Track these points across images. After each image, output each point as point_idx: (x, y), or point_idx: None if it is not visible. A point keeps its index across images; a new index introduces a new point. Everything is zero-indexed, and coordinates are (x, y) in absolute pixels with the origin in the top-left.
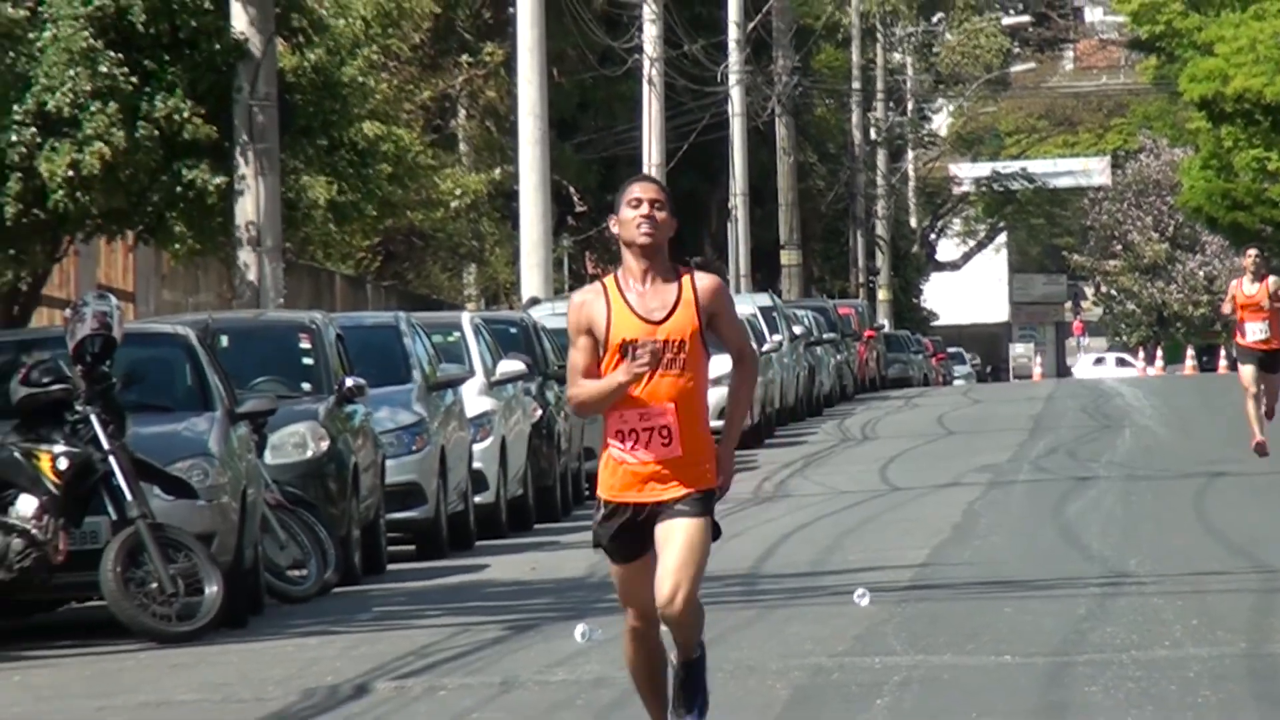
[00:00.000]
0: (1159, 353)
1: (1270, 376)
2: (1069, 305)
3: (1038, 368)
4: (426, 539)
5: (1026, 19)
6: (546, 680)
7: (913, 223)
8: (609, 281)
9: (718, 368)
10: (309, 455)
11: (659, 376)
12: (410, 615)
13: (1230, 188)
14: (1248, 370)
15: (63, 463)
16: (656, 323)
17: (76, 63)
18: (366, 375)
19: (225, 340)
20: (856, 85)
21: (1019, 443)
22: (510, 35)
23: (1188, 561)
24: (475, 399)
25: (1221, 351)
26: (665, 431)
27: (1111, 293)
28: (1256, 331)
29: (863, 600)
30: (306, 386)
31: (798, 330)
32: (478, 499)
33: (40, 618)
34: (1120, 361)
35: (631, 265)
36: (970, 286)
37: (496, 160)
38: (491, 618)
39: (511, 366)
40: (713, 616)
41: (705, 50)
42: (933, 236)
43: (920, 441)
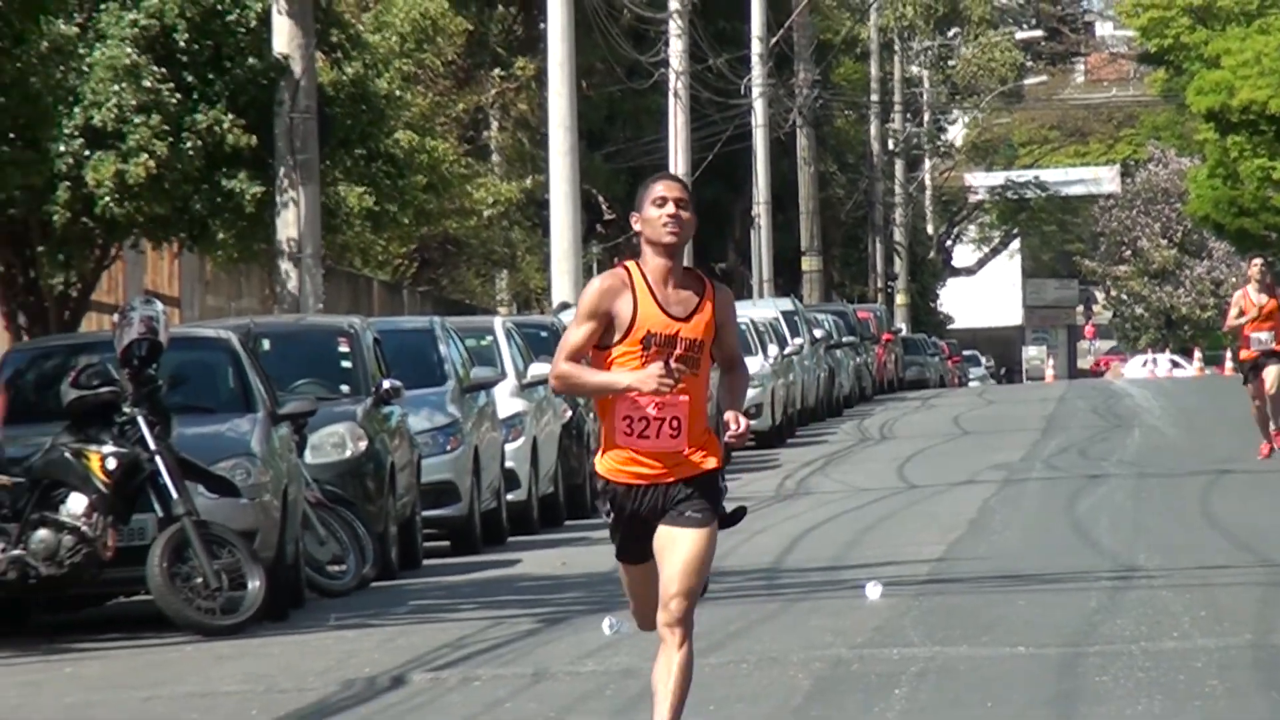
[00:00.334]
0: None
1: (1269, 370)
2: (1080, 309)
3: (1050, 369)
4: (461, 535)
5: (1039, 33)
6: (576, 671)
7: (929, 230)
8: (633, 269)
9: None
10: (348, 455)
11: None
12: (445, 609)
13: (1236, 195)
14: (1252, 388)
15: (111, 462)
16: (680, 320)
17: (121, 78)
18: (403, 378)
19: (267, 344)
20: (875, 97)
21: (1032, 442)
22: (541, 50)
23: (1195, 556)
24: (507, 400)
25: (1227, 354)
26: (675, 423)
27: (1121, 297)
28: (1260, 342)
29: (874, 592)
30: (345, 389)
31: (818, 334)
32: (510, 497)
33: (90, 611)
34: (1174, 363)
35: (653, 262)
36: (985, 291)
37: (528, 170)
38: (523, 611)
39: (542, 369)
40: (735, 610)
41: (729, 64)
42: (949, 243)
43: (937, 441)
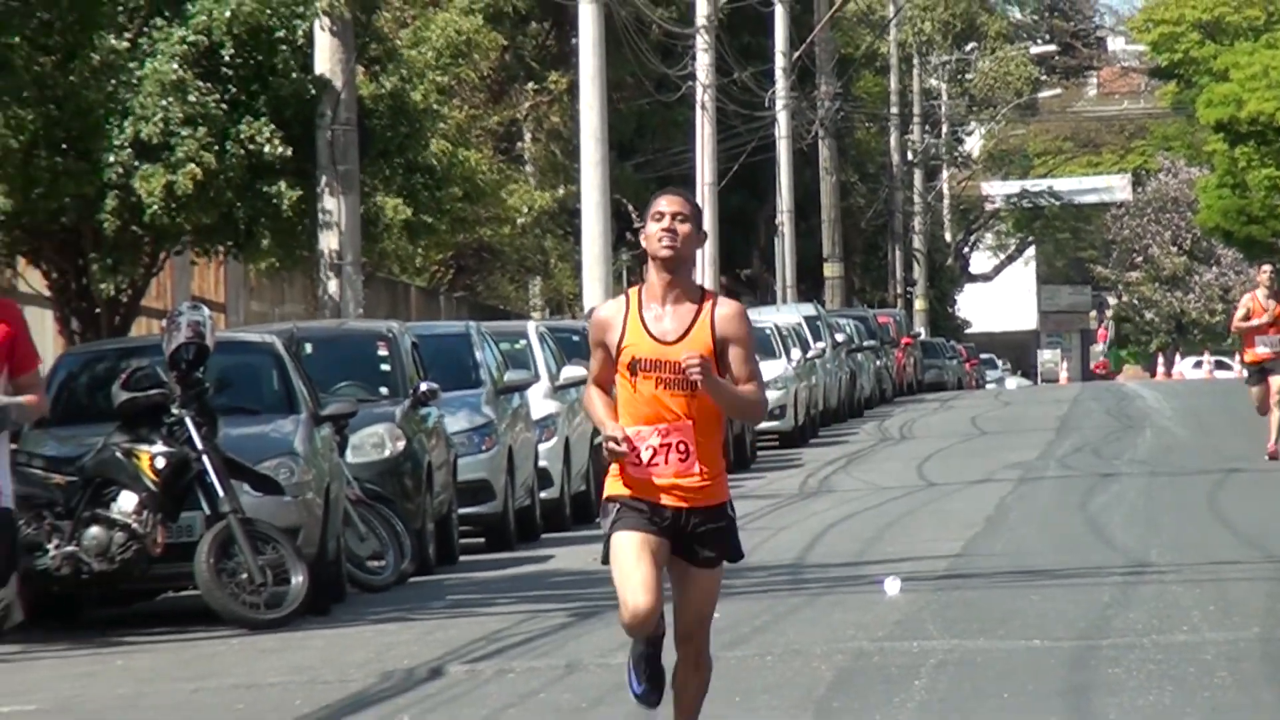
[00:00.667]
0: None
1: (1274, 378)
2: (1093, 314)
3: (1064, 372)
4: (496, 532)
5: (1053, 48)
6: (608, 663)
7: (947, 237)
8: (632, 295)
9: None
10: (387, 454)
11: (670, 395)
12: (481, 603)
13: (1245, 204)
14: (1255, 391)
15: (160, 462)
16: (669, 343)
17: (168, 93)
18: (439, 380)
19: (309, 348)
20: (894, 110)
21: (1047, 442)
22: (573, 65)
23: (1205, 552)
24: (540, 402)
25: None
26: (683, 447)
27: (1133, 302)
28: (1265, 345)
29: (892, 588)
30: (384, 391)
31: (840, 338)
32: (543, 495)
33: (140, 606)
34: (1219, 364)
35: (654, 280)
36: (1001, 297)
37: (560, 180)
38: (557, 605)
39: (574, 372)
40: (762, 604)
41: (754, 77)
42: (966, 250)
43: (955, 441)
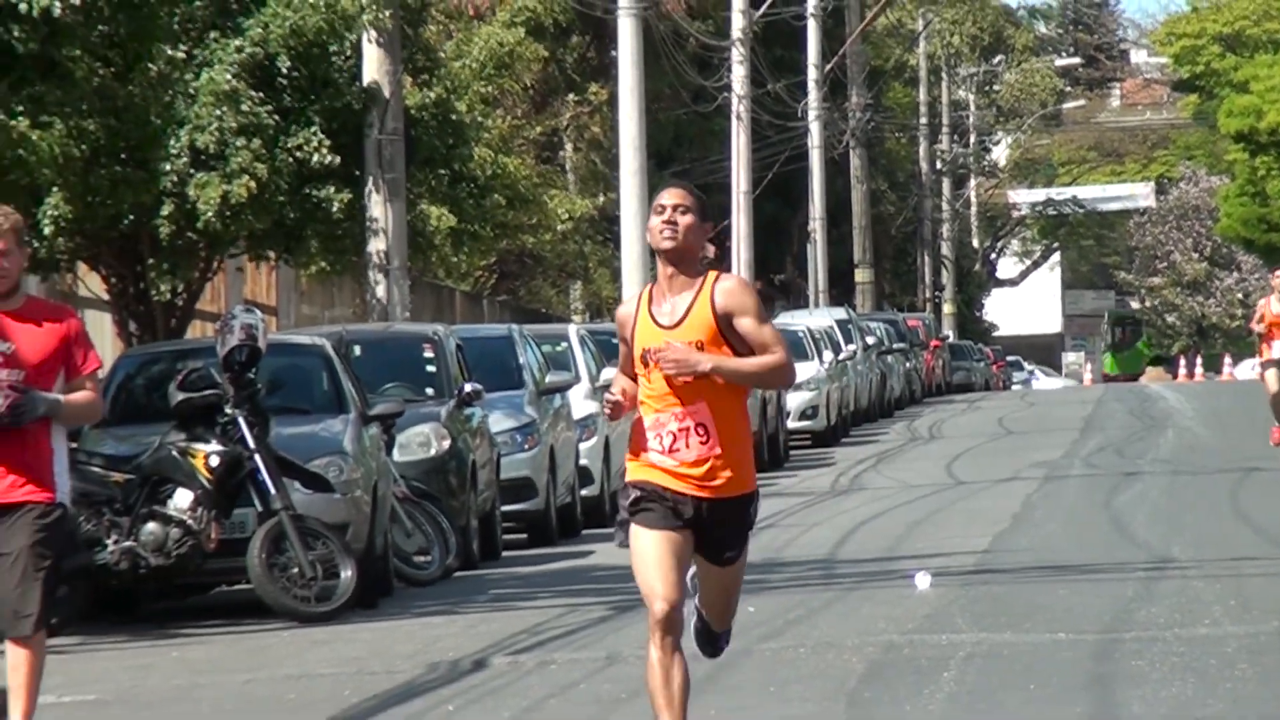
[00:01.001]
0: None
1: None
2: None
3: (1088, 374)
4: (537, 528)
5: (1077, 60)
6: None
7: (975, 243)
8: (645, 291)
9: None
10: (432, 453)
11: (683, 380)
12: (523, 597)
13: (1265, 212)
14: (1270, 374)
15: (214, 460)
16: (669, 327)
17: (222, 102)
18: (483, 381)
19: (358, 350)
20: (924, 120)
21: (1071, 441)
22: (613, 76)
23: (1226, 548)
24: (581, 402)
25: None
26: (702, 429)
27: (1155, 306)
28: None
29: (923, 582)
30: (430, 391)
31: (871, 340)
32: (584, 492)
33: (195, 599)
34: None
35: (660, 273)
36: (1027, 301)
37: (600, 188)
38: (597, 599)
39: (614, 374)
40: (794, 598)
41: (787, 89)
42: (993, 256)
43: (982, 440)
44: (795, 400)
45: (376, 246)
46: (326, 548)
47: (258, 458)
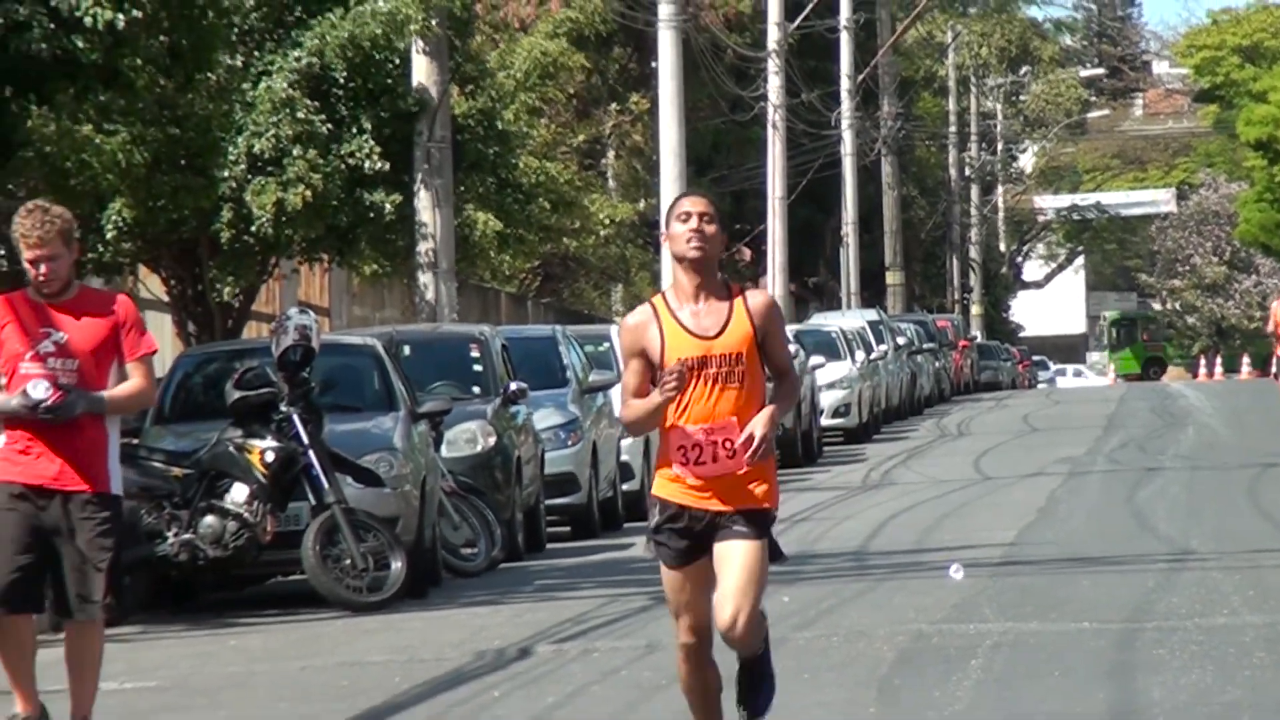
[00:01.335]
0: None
1: None
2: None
3: (1111, 373)
4: (580, 521)
5: (1101, 71)
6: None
7: (1002, 247)
8: (658, 302)
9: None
10: (479, 449)
11: (719, 390)
12: (567, 588)
13: None
14: None
15: (270, 456)
16: (711, 338)
17: (279, 110)
18: (528, 380)
19: (407, 350)
20: (953, 129)
21: (1095, 438)
22: (653, 86)
23: (1244, 541)
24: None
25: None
26: (729, 444)
27: (1176, 308)
28: None
29: (956, 574)
30: (476, 390)
31: (901, 341)
32: (625, 486)
33: (251, 590)
34: None
35: (683, 281)
36: (1052, 302)
37: (641, 194)
38: (637, 589)
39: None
40: (827, 589)
41: (821, 99)
42: (1019, 259)
43: (1009, 437)
44: (828, 398)
45: (425, 249)
46: (377, 540)
47: (311, 453)
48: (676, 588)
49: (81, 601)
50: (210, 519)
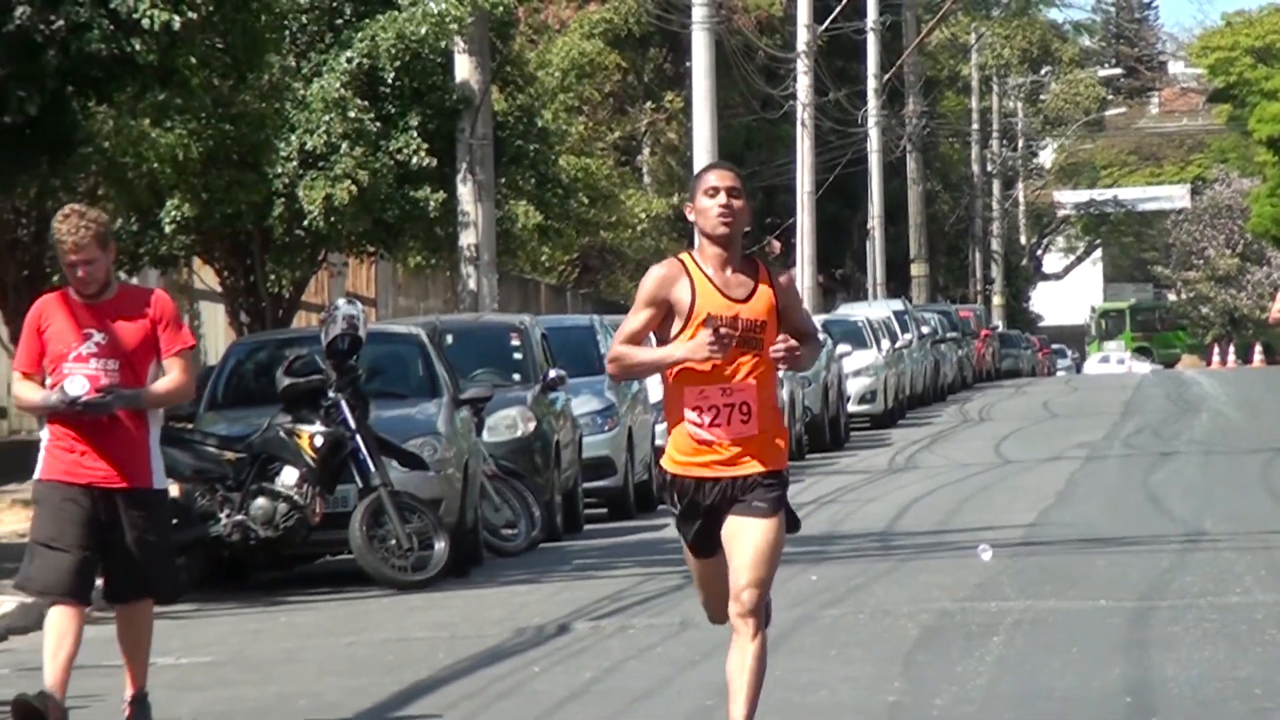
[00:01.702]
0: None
1: None
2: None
3: (1128, 361)
4: (617, 504)
5: (1119, 71)
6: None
7: (1022, 240)
8: (688, 259)
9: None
10: (519, 434)
11: (738, 354)
12: (603, 567)
13: None
14: None
15: (319, 440)
16: (740, 301)
17: (330, 109)
18: (566, 368)
19: (450, 339)
20: (975, 126)
21: (1112, 424)
22: (687, 86)
23: (1256, 522)
24: (657, 387)
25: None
26: (745, 408)
27: (1190, 298)
28: None
29: (985, 554)
30: (517, 377)
31: (925, 330)
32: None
33: (301, 569)
34: None
35: (709, 253)
36: (1071, 293)
37: (675, 189)
38: (672, 569)
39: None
40: (854, 568)
41: (848, 97)
42: (1039, 252)
43: (1029, 422)
44: (855, 385)
45: (468, 242)
46: (422, 521)
47: (358, 438)
48: (700, 570)
49: (135, 590)
50: (262, 501)
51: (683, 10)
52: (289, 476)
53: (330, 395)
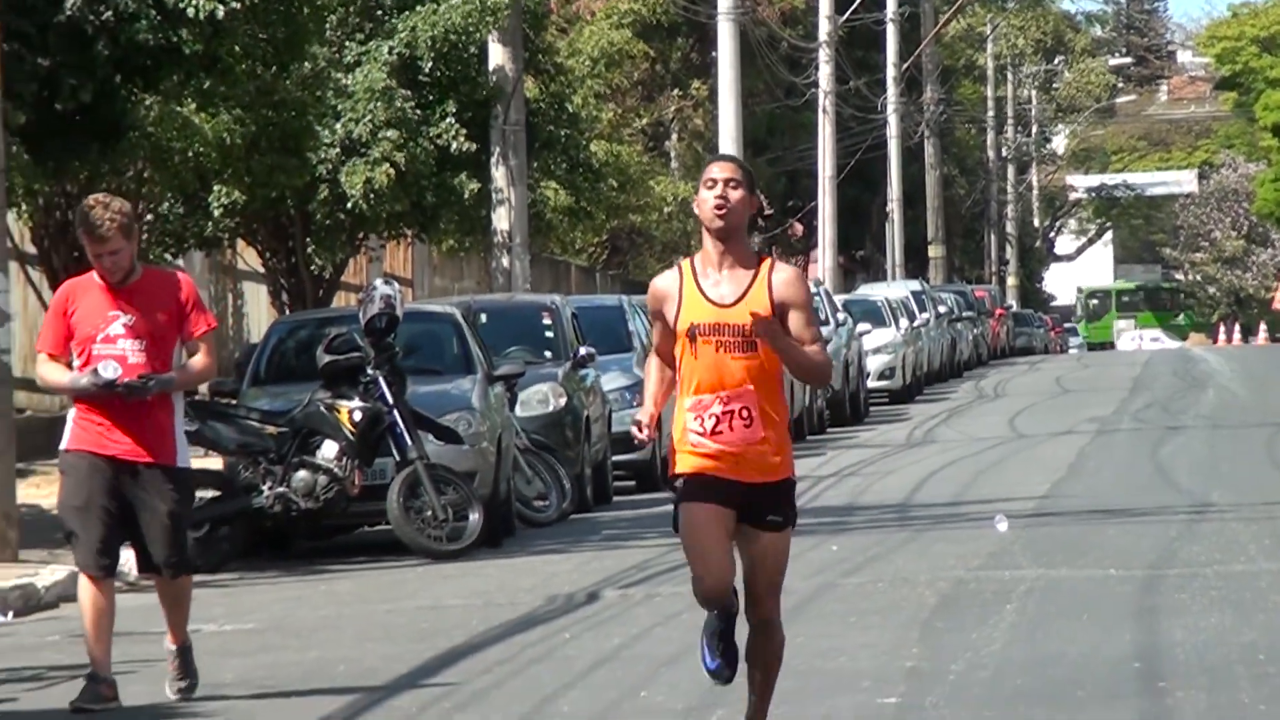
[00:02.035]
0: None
1: None
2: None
3: (1136, 339)
4: (645, 476)
5: (1129, 60)
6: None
7: (1036, 223)
8: (686, 266)
9: (876, 338)
10: (550, 409)
11: (730, 359)
12: (632, 537)
13: None
14: None
15: (358, 415)
16: (726, 306)
17: (377, 99)
18: (596, 345)
19: (484, 317)
20: (991, 113)
21: (1121, 399)
22: (713, 74)
23: (1261, 493)
24: None
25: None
26: (746, 413)
27: (1197, 279)
28: None
29: (1001, 525)
30: (548, 354)
31: (942, 309)
32: None
33: (340, 539)
34: None
35: (709, 248)
36: (1082, 274)
37: (701, 174)
38: None
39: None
40: (873, 538)
41: (868, 85)
42: (1052, 234)
43: (1041, 398)
44: (874, 362)
45: (501, 226)
46: (457, 493)
47: (396, 413)
48: (693, 527)
49: (168, 563)
50: (303, 473)
51: (709, 1)
52: (329, 450)
53: (369, 372)
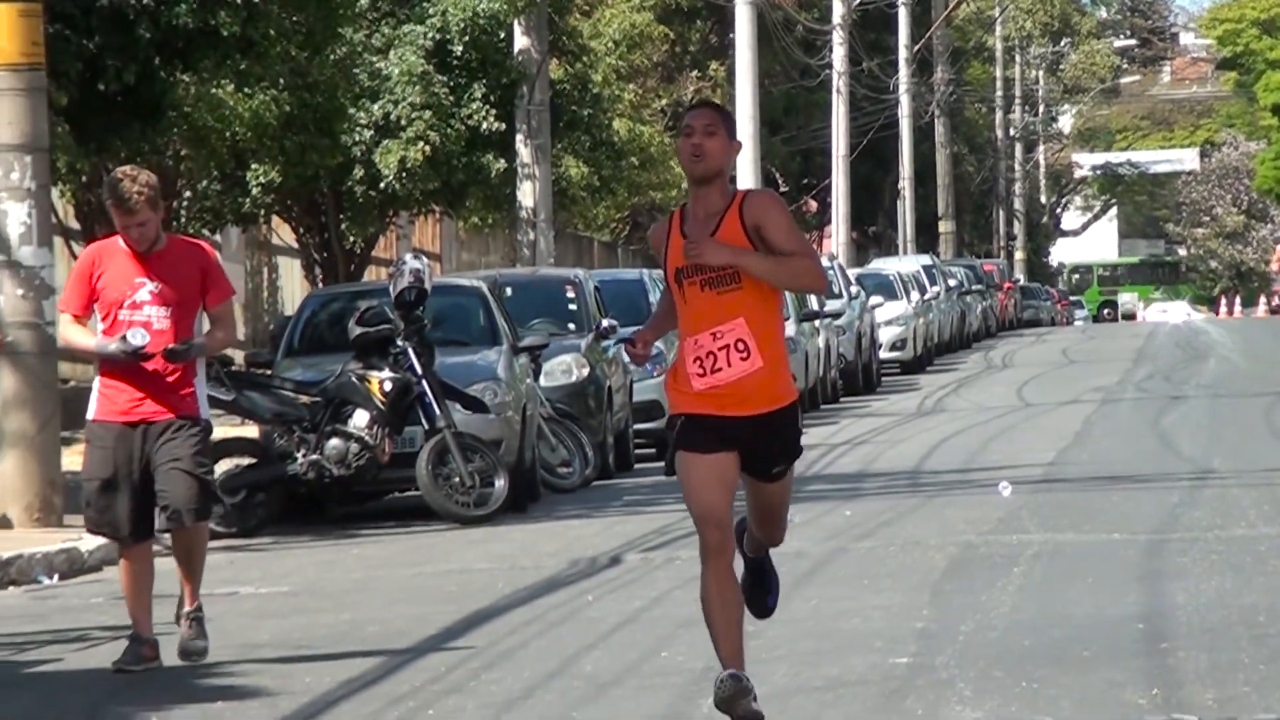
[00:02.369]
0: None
1: None
2: None
3: (1141, 312)
4: (665, 444)
5: (1133, 42)
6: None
7: (1043, 199)
8: (676, 214)
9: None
10: (574, 379)
11: (715, 295)
12: (652, 503)
13: None
14: None
15: (388, 385)
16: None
17: (415, 82)
18: (618, 317)
19: (509, 291)
20: (999, 93)
21: (1125, 369)
22: (730, 56)
23: (1260, 460)
24: None
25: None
26: (741, 345)
27: (1199, 253)
28: None
29: (1005, 491)
30: (571, 327)
31: (952, 283)
32: None
33: (371, 505)
34: None
35: (693, 195)
36: (1088, 248)
37: None
38: None
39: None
40: (885, 504)
41: (880, 67)
42: (1058, 210)
43: (1048, 368)
44: (886, 334)
45: (526, 202)
46: (483, 460)
47: (424, 383)
48: (693, 472)
49: (189, 508)
50: (335, 441)
51: None
52: (360, 419)
53: (398, 343)
